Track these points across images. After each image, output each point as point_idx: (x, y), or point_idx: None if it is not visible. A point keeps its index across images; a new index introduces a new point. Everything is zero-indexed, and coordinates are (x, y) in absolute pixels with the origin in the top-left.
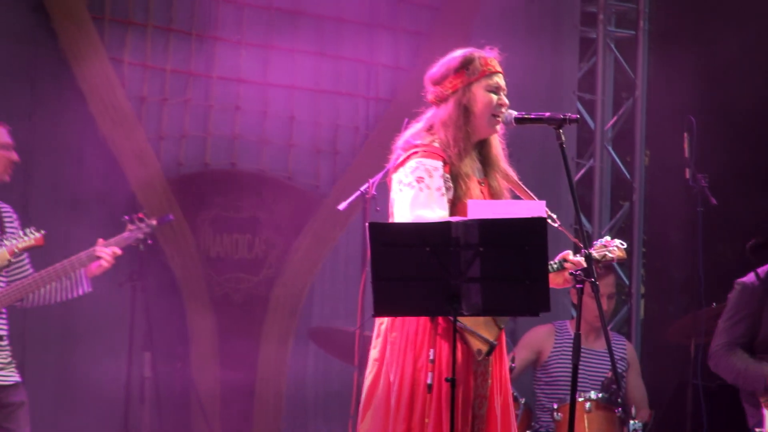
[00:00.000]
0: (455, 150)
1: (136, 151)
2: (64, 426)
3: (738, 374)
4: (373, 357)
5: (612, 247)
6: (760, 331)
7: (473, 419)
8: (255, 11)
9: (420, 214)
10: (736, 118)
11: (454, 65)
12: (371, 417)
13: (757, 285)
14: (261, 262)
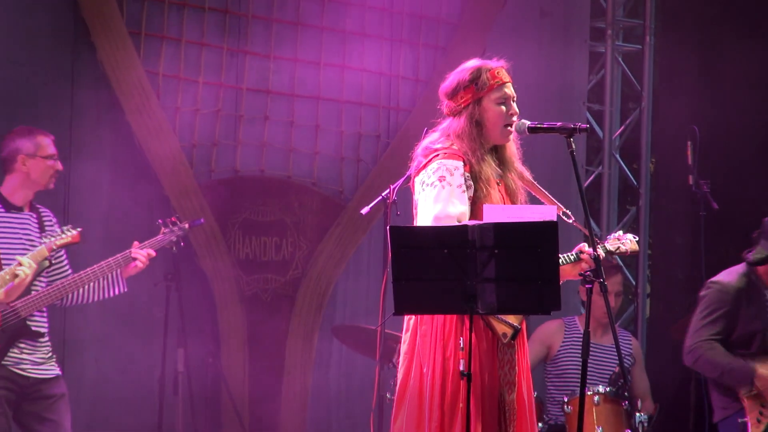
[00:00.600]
0: (473, 158)
1: (170, 158)
2: (102, 417)
3: (723, 370)
4: (404, 351)
5: (625, 240)
6: (736, 328)
7: (502, 405)
8: (283, 27)
9: (443, 210)
10: (737, 127)
11: (464, 81)
12: (407, 408)
13: (733, 284)
14: (288, 263)
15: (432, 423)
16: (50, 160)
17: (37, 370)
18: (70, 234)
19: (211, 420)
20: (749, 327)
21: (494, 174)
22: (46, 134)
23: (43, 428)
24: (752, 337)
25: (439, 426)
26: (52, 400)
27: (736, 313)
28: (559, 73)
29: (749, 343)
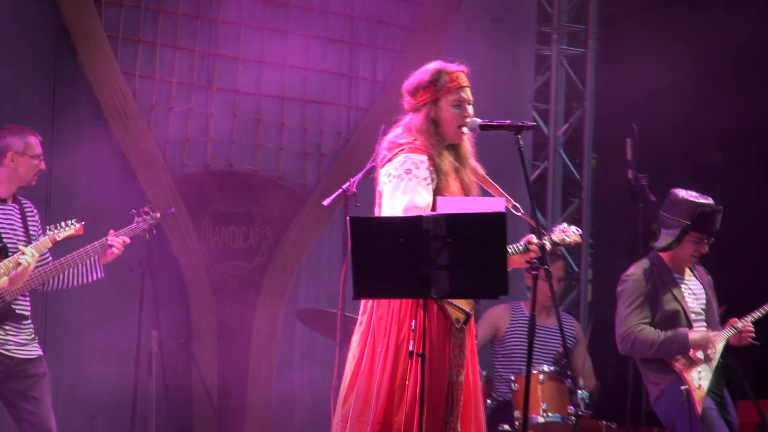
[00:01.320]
0: (434, 152)
1: (145, 154)
2: (81, 395)
3: (659, 346)
4: (360, 332)
5: (569, 232)
6: (658, 311)
7: (451, 386)
8: (250, 31)
9: (411, 200)
10: (673, 125)
11: (424, 81)
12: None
13: (645, 272)
14: (255, 251)
15: (378, 401)
16: (37, 159)
17: (21, 351)
18: (73, 227)
19: (182, 396)
20: (669, 308)
21: (452, 168)
22: (36, 134)
23: (27, 405)
24: (674, 317)
25: (385, 404)
26: (34, 379)
27: (655, 297)
28: (508, 74)
29: (673, 323)
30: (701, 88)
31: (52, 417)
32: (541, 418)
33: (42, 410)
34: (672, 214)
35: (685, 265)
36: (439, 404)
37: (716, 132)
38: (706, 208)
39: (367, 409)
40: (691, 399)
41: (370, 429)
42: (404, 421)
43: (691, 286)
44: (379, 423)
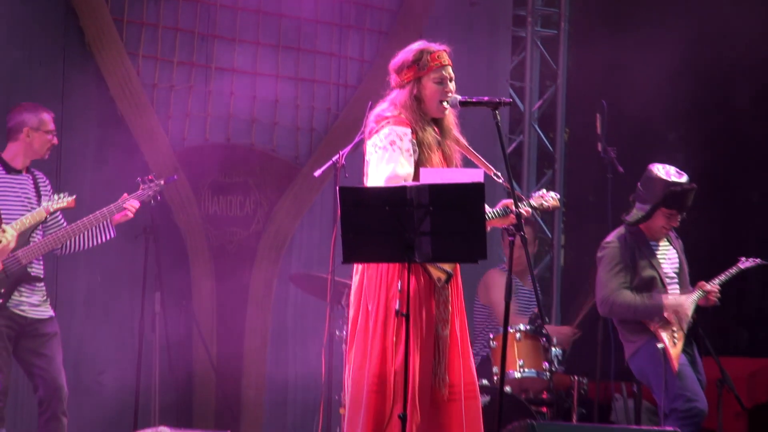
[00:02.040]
0: (417, 126)
1: (149, 128)
2: (89, 350)
3: (636, 309)
4: (354, 292)
5: (548, 197)
6: (636, 276)
7: (437, 339)
8: (247, 15)
9: (393, 170)
10: (640, 101)
11: (408, 60)
12: (356, 342)
13: (623, 241)
14: (250, 218)
15: (374, 354)
16: (50, 134)
17: (34, 311)
18: (65, 200)
19: (183, 354)
20: (645, 273)
21: (434, 141)
22: (49, 111)
23: (39, 361)
24: (651, 281)
25: (380, 358)
26: (46, 337)
27: (633, 263)
28: (486, 54)
29: (649, 287)
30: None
31: (62, 373)
32: (517, 373)
33: (52, 366)
34: (646, 190)
35: (659, 235)
36: (428, 356)
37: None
38: (677, 187)
39: (365, 363)
40: (668, 357)
41: (368, 381)
42: (397, 373)
43: (666, 252)
44: (376, 375)
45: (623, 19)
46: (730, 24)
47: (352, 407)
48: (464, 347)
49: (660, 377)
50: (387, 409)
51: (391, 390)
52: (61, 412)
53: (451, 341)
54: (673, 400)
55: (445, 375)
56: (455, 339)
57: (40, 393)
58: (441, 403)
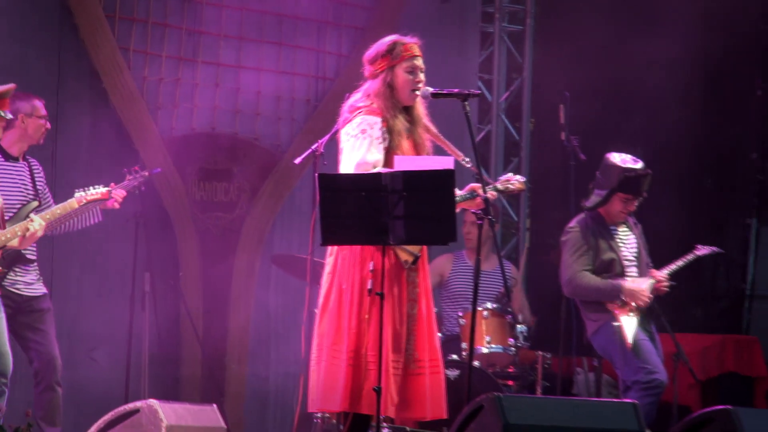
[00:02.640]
0: (388, 114)
1: (139, 119)
2: (82, 328)
3: (598, 290)
4: (327, 271)
5: (513, 181)
6: (597, 258)
7: (407, 317)
8: (231, 11)
9: (362, 156)
10: (602, 93)
11: (382, 50)
12: (328, 316)
13: (585, 225)
14: (234, 203)
15: (351, 330)
16: (43, 119)
17: (28, 289)
18: (100, 191)
19: (171, 330)
20: (606, 257)
21: (404, 129)
22: (39, 98)
23: (34, 336)
24: (611, 263)
25: (355, 334)
26: (40, 313)
27: (595, 246)
28: (456, 48)
29: (609, 270)
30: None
31: (56, 346)
32: (485, 349)
33: (46, 340)
34: (603, 176)
35: (618, 220)
36: (399, 333)
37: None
38: (631, 173)
39: (340, 339)
40: (623, 335)
41: (345, 356)
42: (370, 348)
43: (625, 237)
44: (352, 350)
45: (585, 14)
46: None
47: (326, 381)
48: (429, 325)
49: (617, 353)
50: (362, 380)
51: (364, 364)
52: (55, 383)
53: (419, 319)
54: (634, 372)
55: (414, 351)
56: (422, 317)
57: (35, 365)
58: (408, 376)
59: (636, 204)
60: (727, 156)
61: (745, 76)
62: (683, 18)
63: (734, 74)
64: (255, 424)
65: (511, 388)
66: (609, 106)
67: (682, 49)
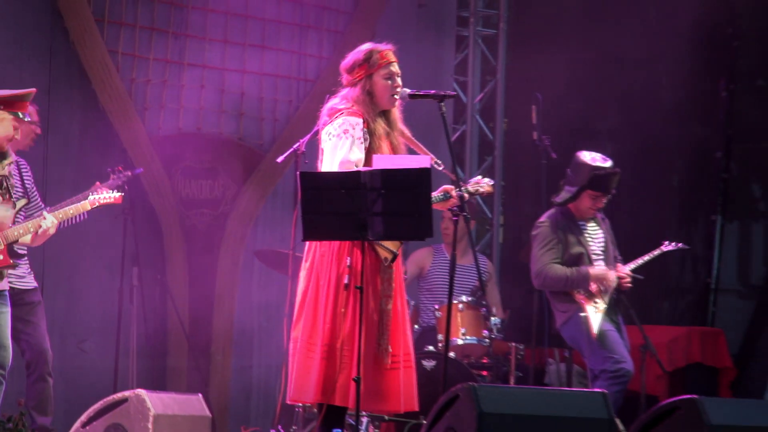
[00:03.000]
0: (369, 117)
1: (127, 119)
2: (73, 320)
3: (566, 280)
4: (305, 268)
5: (483, 183)
6: (565, 252)
7: (381, 313)
8: (216, 16)
9: (345, 155)
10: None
11: (359, 59)
12: (304, 311)
13: (554, 220)
14: (219, 200)
15: (326, 325)
16: (34, 125)
17: (19, 282)
18: (113, 196)
19: (158, 324)
20: (574, 250)
21: (383, 132)
22: (33, 104)
23: (26, 328)
24: (579, 257)
25: (330, 328)
26: (31, 305)
27: (563, 240)
28: (433, 52)
29: (578, 262)
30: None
31: (46, 338)
32: (460, 340)
33: (38, 332)
34: (574, 174)
35: (587, 215)
36: (373, 328)
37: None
38: (600, 171)
39: (315, 332)
40: (588, 325)
41: (320, 349)
42: (345, 342)
43: (593, 232)
44: (326, 344)
45: (556, 18)
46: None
47: (300, 373)
48: (403, 321)
49: (585, 343)
50: (334, 373)
51: (339, 357)
52: (47, 373)
53: (393, 315)
54: (602, 362)
55: (388, 345)
56: (397, 313)
57: (27, 356)
58: (384, 370)
59: (604, 201)
60: (694, 155)
61: (711, 78)
62: (652, 22)
63: (701, 77)
64: (239, 413)
65: (486, 378)
66: (579, 106)
67: (650, 52)
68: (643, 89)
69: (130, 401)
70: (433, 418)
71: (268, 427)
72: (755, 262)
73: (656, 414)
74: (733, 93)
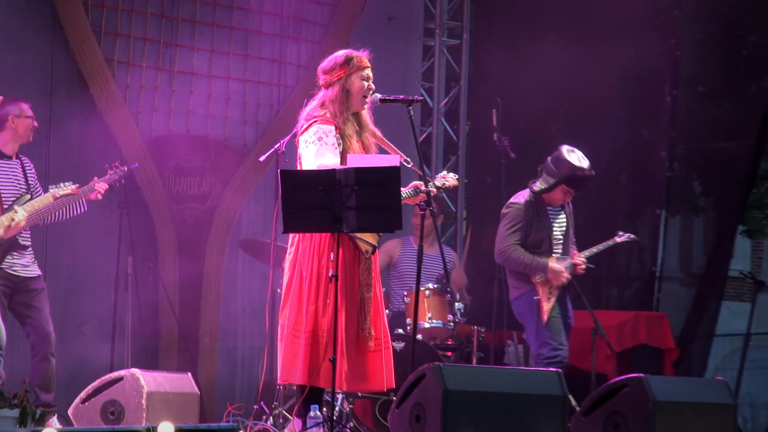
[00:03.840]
0: (341, 119)
1: (122, 121)
2: (72, 305)
3: (526, 265)
4: (289, 260)
5: (448, 178)
6: (530, 235)
7: (362, 301)
8: (204, 27)
9: (322, 161)
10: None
11: (340, 60)
12: (290, 301)
13: (524, 204)
14: (206, 196)
15: (309, 313)
16: (30, 119)
17: (24, 271)
18: (69, 187)
19: (151, 308)
20: (538, 234)
21: (354, 133)
22: (26, 102)
23: (30, 312)
24: (541, 241)
25: (313, 316)
26: (35, 292)
27: (529, 224)
28: (402, 60)
29: (539, 246)
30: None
31: (50, 321)
32: (427, 324)
33: (41, 316)
34: (554, 166)
35: (555, 205)
36: (354, 314)
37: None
38: (579, 172)
39: (299, 320)
40: (540, 308)
41: (303, 336)
42: (328, 328)
43: (558, 217)
44: (310, 331)
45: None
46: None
47: (287, 356)
48: (381, 307)
49: (532, 325)
50: (319, 358)
51: (323, 343)
52: (50, 354)
53: (374, 302)
54: (541, 346)
55: (371, 330)
56: (376, 300)
57: (32, 338)
58: (368, 353)
59: (572, 195)
60: (641, 155)
61: (656, 84)
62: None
63: (647, 82)
64: (225, 390)
65: (450, 358)
66: (537, 109)
67: (601, 61)
68: (594, 95)
69: (126, 380)
70: (403, 395)
71: (252, 403)
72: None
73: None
74: (676, 98)
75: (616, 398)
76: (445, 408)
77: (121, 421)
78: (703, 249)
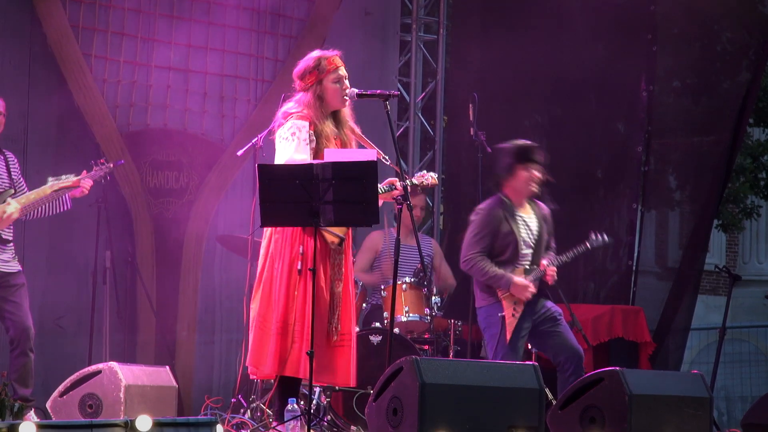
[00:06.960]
0: (317, 121)
1: (100, 116)
2: (51, 299)
3: (490, 277)
4: (262, 253)
5: (428, 177)
6: (496, 241)
7: (332, 295)
8: (181, 22)
9: (292, 156)
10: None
11: (309, 67)
12: (261, 292)
13: (493, 210)
14: (184, 190)
15: (279, 304)
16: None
17: (5, 266)
18: (70, 179)
19: (129, 302)
20: (505, 240)
21: (332, 132)
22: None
23: (9, 307)
24: (507, 247)
25: (284, 307)
26: (15, 287)
27: (497, 231)
28: (379, 55)
29: (505, 251)
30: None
31: (29, 316)
32: (404, 317)
33: (21, 311)
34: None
35: (525, 196)
36: (324, 308)
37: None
38: (520, 144)
39: (270, 311)
40: (504, 326)
41: (274, 326)
42: (297, 319)
43: (528, 220)
44: (281, 321)
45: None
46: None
47: (257, 345)
48: (351, 302)
49: (493, 338)
50: (287, 347)
51: (291, 333)
52: (28, 349)
53: (343, 296)
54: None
55: (338, 324)
56: (347, 294)
57: (11, 333)
58: (333, 347)
59: (538, 174)
60: (617, 150)
61: (632, 80)
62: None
63: (623, 78)
64: (202, 384)
65: (427, 352)
66: (513, 104)
67: (577, 57)
68: (571, 90)
69: (104, 373)
70: (380, 388)
71: (230, 396)
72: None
73: (582, 384)
74: (652, 93)
75: (592, 391)
76: (422, 401)
77: (100, 415)
78: (678, 243)
